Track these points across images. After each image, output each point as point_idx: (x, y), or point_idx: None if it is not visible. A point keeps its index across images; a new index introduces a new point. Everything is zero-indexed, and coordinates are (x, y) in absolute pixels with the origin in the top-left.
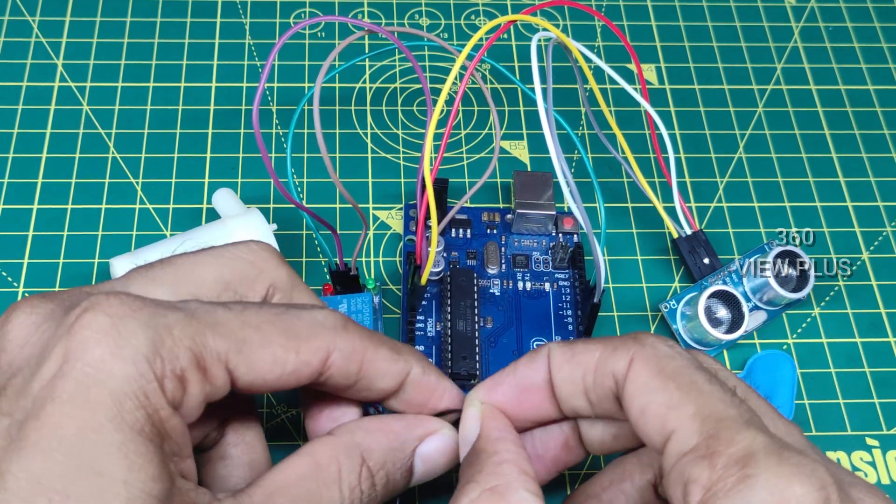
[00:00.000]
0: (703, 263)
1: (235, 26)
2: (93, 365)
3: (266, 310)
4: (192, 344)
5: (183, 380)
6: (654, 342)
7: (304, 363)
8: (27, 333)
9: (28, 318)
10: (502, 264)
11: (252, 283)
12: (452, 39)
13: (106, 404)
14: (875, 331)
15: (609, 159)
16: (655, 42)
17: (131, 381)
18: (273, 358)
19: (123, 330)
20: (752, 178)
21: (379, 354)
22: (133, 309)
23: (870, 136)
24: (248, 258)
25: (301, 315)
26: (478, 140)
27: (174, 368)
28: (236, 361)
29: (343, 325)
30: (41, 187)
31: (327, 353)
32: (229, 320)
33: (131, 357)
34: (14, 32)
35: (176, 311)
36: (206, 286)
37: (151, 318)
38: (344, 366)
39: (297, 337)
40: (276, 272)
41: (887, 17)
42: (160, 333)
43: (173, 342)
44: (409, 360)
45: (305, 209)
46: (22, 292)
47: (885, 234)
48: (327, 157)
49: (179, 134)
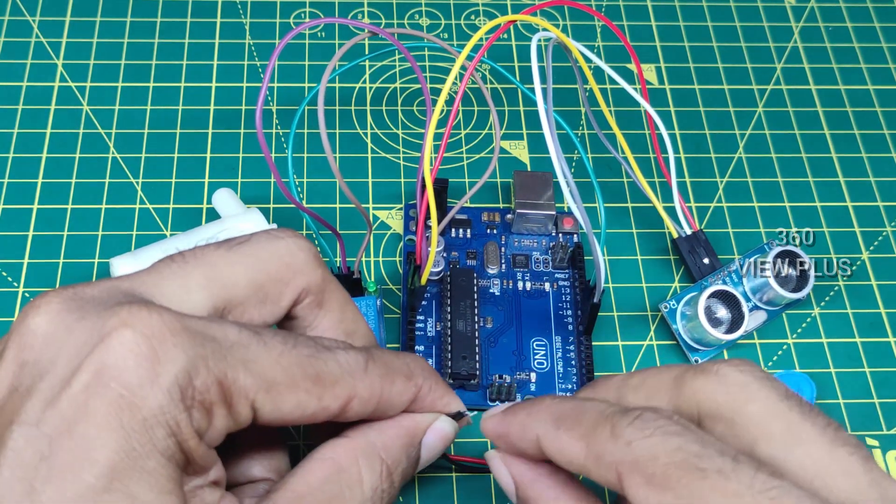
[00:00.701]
0: (703, 263)
1: (235, 26)
2: (128, 389)
3: (298, 350)
4: (224, 378)
5: (210, 412)
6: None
7: (323, 408)
8: (55, 331)
9: (57, 314)
10: (502, 264)
11: (285, 286)
12: (452, 39)
13: (139, 430)
14: (875, 331)
15: (609, 159)
16: (655, 42)
17: (164, 411)
18: (297, 402)
19: (162, 355)
20: (752, 178)
21: (395, 388)
22: (172, 332)
23: (870, 136)
24: (285, 259)
25: (328, 360)
26: (478, 140)
27: (204, 401)
28: (262, 401)
29: (364, 367)
30: (41, 187)
31: (348, 399)
32: (262, 358)
33: (167, 386)
34: (14, 32)
35: (213, 340)
36: (240, 289)
37: (190, 346)
38: (361, 407)
39: (322, 383)
40: (311, 275)
41: (887, 17)
42: (196, 364)
43: (206, 373)
44: (418, 382)
45: (306, 210)
46: (22, 292)
47: (885, 234)
48: (332, 158)
49: (179, 134)
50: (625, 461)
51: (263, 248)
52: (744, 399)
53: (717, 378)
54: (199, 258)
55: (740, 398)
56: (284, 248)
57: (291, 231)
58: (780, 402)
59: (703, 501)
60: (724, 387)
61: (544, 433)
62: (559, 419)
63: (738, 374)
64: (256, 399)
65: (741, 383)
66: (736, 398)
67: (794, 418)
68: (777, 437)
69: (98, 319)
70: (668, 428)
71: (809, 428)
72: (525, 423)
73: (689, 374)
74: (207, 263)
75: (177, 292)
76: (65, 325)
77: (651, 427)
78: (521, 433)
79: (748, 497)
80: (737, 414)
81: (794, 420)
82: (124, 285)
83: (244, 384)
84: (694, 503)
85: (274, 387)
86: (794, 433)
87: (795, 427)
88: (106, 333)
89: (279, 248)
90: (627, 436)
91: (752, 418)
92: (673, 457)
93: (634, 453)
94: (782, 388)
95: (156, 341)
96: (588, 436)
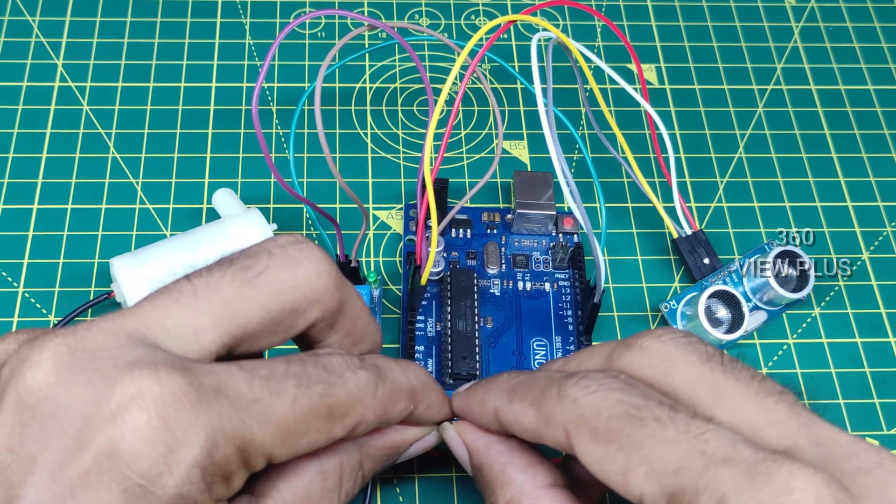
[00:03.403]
0: (703, 263)
1: (235, 26)
2: (146, 478)
3: (311, 390)
4: (242, 444)
5: (229, 479)
6: (585, 392)
7: (331, 440)
8: (57, 393)
9: (58, 372)
10: (502, 264)
11: (300, 317)
12: (452, 39)
13: None
14: (875, 331)
15: (609, 159)
16: (655, 42)
17: (185, 496)
18: (309, 443)
19: (179, 436)
20: (752, 178)
21: (396, 409)
22: (187, 408)
23: (870, 136)
24: (303, 291)
25: (339, 391)
26: (478, 140)
27: (224, 473)
28: (278, 452)
29: (374, 391)
30: (41, 187)
31: (355, 426)
32: (276, 410)
33: (187, 471)
34: (14, 32)
35: (226, 403)
36: (253, 325)
37: (206, 421)
38: (365, 430)
39: (333, 417)
40: (327, 304)
41: (887, 17)
42: (215, 439)
43: (226, 445)
44: (417, 401)
45: (309, 202)
46: (22, 292)
47: (885, 234)
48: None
49: (179, 134)
50: (571, 419)
51: (282, 280)
52: (667, 369)
53: (641, 352)
54: (212, 292)
55: (664, 368)
56: (304, 279)
57: (311, 250)
58: (702, 364)
59: (641, 449)
60: (649, 359)
61: (500, 405)
62: (512, 390)
63: (660, 345)
64: (273, 451)
65: (662, 354)
66: (660, 369)
67: (718, 378)
68: (704, 400)
69: (104, 384)
70: (611, 384)
71: (734, 384)
72: (483, 398)
73: (618, 352)
74: (219, 301)
75: (186, 334)
76: (68, 388)
77: (595, 384)
78: (481, 408)
79: (684, 442)
80: (665, 384)
81: (718, 380)
82: (128, 326)
83: (262, 443)
84: (634, 452)
85: (289, 437)
86: (719, 393)
87: (719, 387)
88: (116, 411)
89: (298, 279)
90: (573, 395)
91: (679, 386)
92: (614, 409)
93: (579, 410)
94: (703, 349)
95: (172, 422)
96: (538, 401)
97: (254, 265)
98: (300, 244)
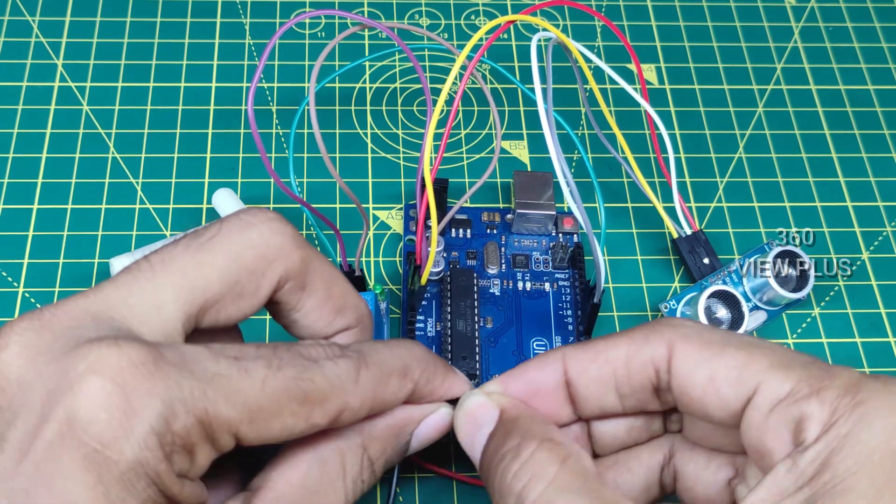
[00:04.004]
0: (703, 263)
1: (235, 26)
2: (102, 443)
3: (283, 372)
4: (204, 416)
5: (192, 452)
6: (682, 322)
7: (312, 426)
8: (25, 372)
9: (25, 353)
10: (502, 264)
11: (262, 277)
12: (453, 40)
13: (118, 485)
14: (875, 331)
15: (609, 159)
16: (655, 42)
17: (142, 463)
18: (283, 426)
19: (135, 403)
20: (752, 178)
21: (388, 391)
22: (145, 375)
23: (870, 136)
24: (259, 249)
25: (315, 377)
26: (478, 140)
27: (185, 444)
28: (246, 431)
29: (355, 377)
30: (41, 187)
31: (338, 412)
32: (244, 388)
33: (143, 436)
34: (14, 32)
35: (188, 375)
36: (213, 290)
37: (164, 390)
38: (352, 417)
39: (310, 403)
40: (288, 260)
41: (887, 17)
42: (173, 407)
43: (185, 415)
44: (415, 377)
45: (306, 204)
46: (22, 292)
47: (885, 234)
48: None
49: (179, 134)
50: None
51: (235, 241)
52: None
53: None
54: (167, 264)
55: None
56: (258, 237)
57: (264, 213)
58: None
59: (755, 352)
60: None
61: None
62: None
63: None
64: (240, 430)
65: None
66: None
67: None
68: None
69: (66, 359)
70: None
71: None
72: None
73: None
74: (176, 270)
75: (147, 309)
76: (34, 367)
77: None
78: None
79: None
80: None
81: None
82: (93, 307)
83: (227, 418)
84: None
85: (258, 415)
86: None
87: None
88: (74, 380)
89: (252, 238)
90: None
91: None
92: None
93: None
94: None
95: (128, 388)
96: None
97: (205, 232)
98: (254, 209)
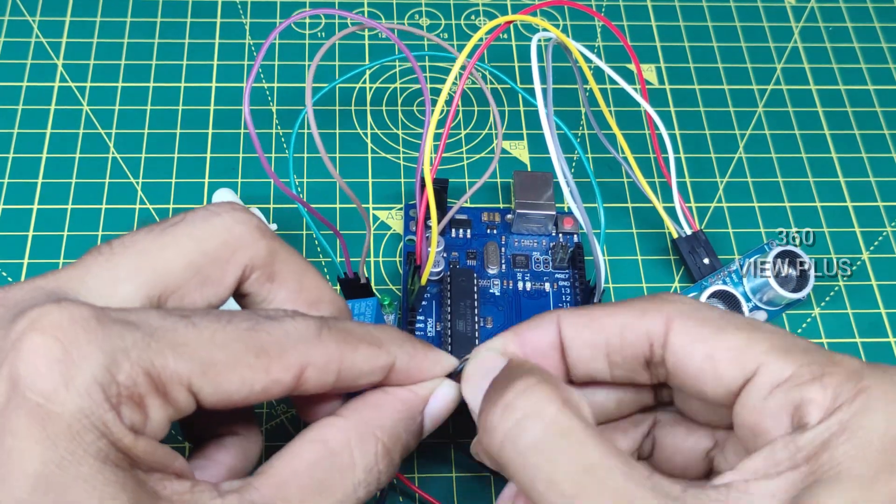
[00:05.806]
0: (703, 263)
1: (235, 26)
2: (44, 396)
3: (235, 324)
4: (151, 367)
5: (142, 405)
6: (681, 299)
7: (274, 381)
8: None
9: None
10: (502, 264)
11: (226, 264)
12: (452, 40)
13: (65, 437)
14: (875, 331)
15: (609, 159)
16: (655, 42)
17: (87, 413)
18: (241, 379)
19: (75, 355)
20: (752, 178)
21: (358, 356)
22: (86, 329)
23: (870, 136)
24: (222, 237)
25: (272, 329)
26: (478, 140)
27: (132, 395)
28: (200, 384)
29: (317, 333)
30: (41, 187)
31: (300, 368)
32: (192, 340)
33: (85, 387)
34: (14, 32)
35: (133, 329)
36: (175, 274)
37: (106, 341)
38: (319, 376)
39: (267, 355)
40: (253, 249)
41: (887, 17)
42: (116, 358)
43: (130, 366)
44: (391, 350)
45: (308, 206)
46: None
47: (885, 234)
48: (320, 143)
49: (179, 134)
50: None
51: (198, 228)
52: None
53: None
54: (128, 246)
55: None
56: (221, 225)
57: (231, 205)
58: None
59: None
60: None
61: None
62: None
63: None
64: (193, 383)
65: None
66: None
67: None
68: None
69: (11, 325)
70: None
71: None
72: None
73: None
74: (137, 251)
75: (103, 286)
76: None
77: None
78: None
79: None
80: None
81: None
82: (50, 285)
83: (175, 369)
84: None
85: (211, 367)
86: None
87: None
88: (16, 339)
89: (215, 226)
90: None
91: None
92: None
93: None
94: None
95: (67, 341)
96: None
97: (170, 220)
98: (221, 203)
